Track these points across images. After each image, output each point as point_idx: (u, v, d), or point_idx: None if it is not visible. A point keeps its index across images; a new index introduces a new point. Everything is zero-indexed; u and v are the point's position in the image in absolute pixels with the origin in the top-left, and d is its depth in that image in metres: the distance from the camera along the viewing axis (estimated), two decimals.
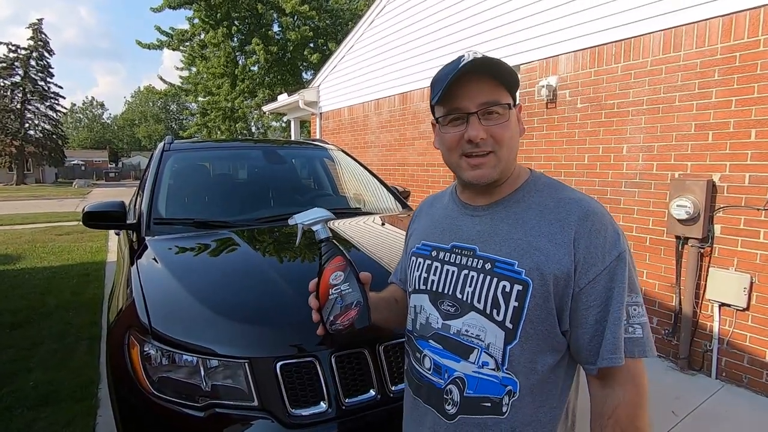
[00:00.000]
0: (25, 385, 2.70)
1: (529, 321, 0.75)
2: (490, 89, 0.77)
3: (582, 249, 0.74)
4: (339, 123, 7.40)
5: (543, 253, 0.75)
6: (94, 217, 2.18)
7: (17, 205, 15.62)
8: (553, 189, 0.83)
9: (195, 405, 1.26)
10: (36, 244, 7.30)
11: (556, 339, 0.77)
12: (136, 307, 1.47)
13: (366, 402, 1.32)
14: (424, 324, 0.87)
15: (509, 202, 0.83)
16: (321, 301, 0.83)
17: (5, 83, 31.37)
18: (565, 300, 0.75)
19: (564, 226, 0.76)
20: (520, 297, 0.75)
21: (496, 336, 0.77)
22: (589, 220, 0.75)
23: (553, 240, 0.75)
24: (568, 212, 0.77)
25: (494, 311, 0.77)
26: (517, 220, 0.80)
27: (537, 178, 0.85)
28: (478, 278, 0.79)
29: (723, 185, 2.80)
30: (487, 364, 0.78)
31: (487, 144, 0.78)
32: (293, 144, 3.71)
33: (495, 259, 0.79)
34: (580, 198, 0.80)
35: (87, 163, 44.29)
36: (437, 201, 1.00)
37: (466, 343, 0.80)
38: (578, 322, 0.76)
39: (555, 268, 0.74)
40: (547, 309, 0.75)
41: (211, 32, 14.23)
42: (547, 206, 0.79)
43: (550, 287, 0.74)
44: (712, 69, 2.82)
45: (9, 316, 3.85)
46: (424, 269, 0.89)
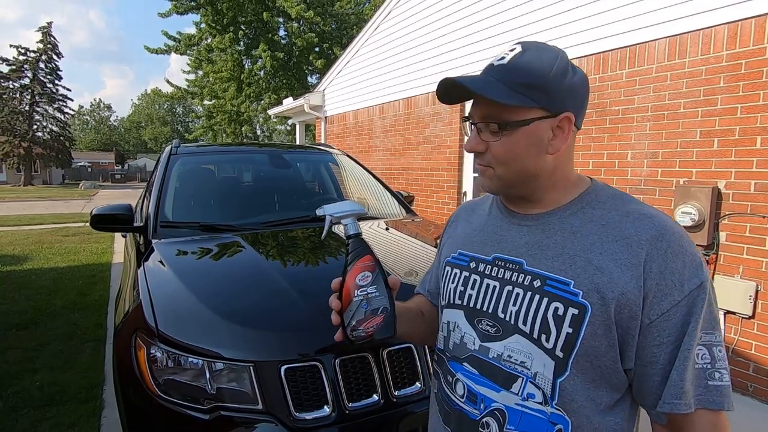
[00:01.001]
0: (30, 385, 2.73)
1: (585, 352, 0.64)
2: (495, 103, 0.68)
3: (655, 274, 0.63)
4: (344, 127, 7.44)
5: (605, 274, 0.64)
6: (102, 220, 2.21)
7: (25, 206, 15.77)
8: (620, 201, 0.71)
9: (200, 407, 1.27)
10: (43, 245, 7.36)
11: (616, 376, 0.66)
12: (143, 309, 1.48)
13: (369, 407, 1.33)
14: (458, 344, 0.78)
15: (565, 213, 0.72)
16: (344, 303, 0.74)
17: (14, 86, 31.76)
18: (630, 333, 0.64)
19: (632, 244, 0.65)
20: (575, 323, 0.64)
21: (544, 365, 0.67)
22: (664, 240, 0.64)
23: (617, 260, 0.65)
24: (637, 229, 0.66)
25: (543, 336, 0.67)
26: (575, 234, 0.70)
27: (599, 188, 0.74)
28: (525, 296, 0.70)
29: (728, 192, 2.79)
30: (533, 396, 0.68)
31: (486, 158, 0.73)
32: (298, 148, 3.74)
33: (546, 276, 0.69)
34: (653, 214, 0.68)
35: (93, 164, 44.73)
36: (478, 207, 0.90)
37: (508, 369, 0.70)
38: (646, 360, 0.64)
39: (619, 292, 0.63)
40: (608, 340, 0.64)
41: (218, 37, 14.37)
42: (611, 220, 0.68)
43: (612, 315, 0.63)
44: (717, 76, 2.82)
45: (16, 317, 3.89)
46: (460, 282, 0.80)
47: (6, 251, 6.86)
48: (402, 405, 1.35)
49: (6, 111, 30.45)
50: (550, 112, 0.68)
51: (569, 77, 0.68)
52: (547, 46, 0.70)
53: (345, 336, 0.75)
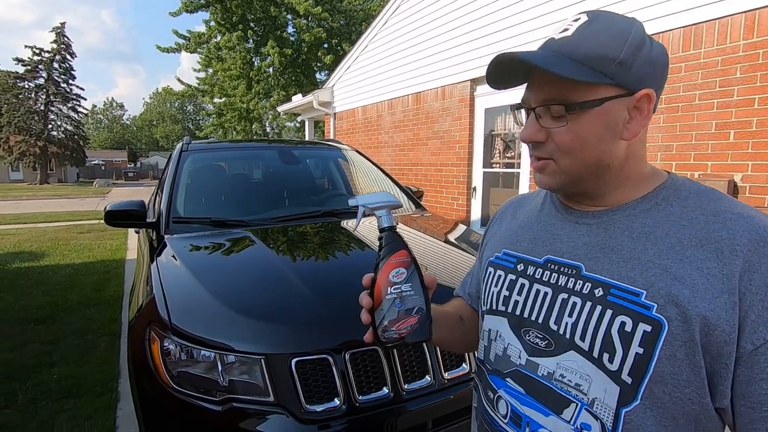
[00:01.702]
0: (48, 378, 2.79)
1: (660, 379, 0.53)
2: (559, 81, 0.58)
3: (757, 288, 0.50)
4: (353, 123, 7.44)
5: (686, 285, 0.53)
6: (115, 216, 2.24)
7: (40, 203, 16.08)
8: (706, 198, 0.59)
9: (213, 399, 1.29)
10: (59, 242, 7.51)
11: (703, 414, 0.54)
12: (157, 303, 1.51)
13: (379, 400, 1.33)
14: (501, 356, 0.69)
15: (635, 210, 0.61)
16: (375, 301, 0.68)
17: (30, 86, 32.33)
18: (722, 361, 0.51)
19: (723, 251, 0.53)
20: (647, 342, 0.53)
21: (605, 390, 0.55)
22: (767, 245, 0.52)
23: (703, 269, 0.53)
24: (730, 232, 0.54)
25: (605, 356, 0.56)
26: (647, 235, 0.58)
27: (679, 183, 0.62)
28: (584, 307, 0.59)
29: (745, 185, 2.73)
30: (589, 428, 0.57)
31: (545, 149, 0.62)
32: (307, 144, 3.75)
33: (610, 284, 0.58)
34: (750, 214, 0.55)
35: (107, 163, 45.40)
36: (527, 202, 0.80)
37: (560, 391, 0.60)
38: (756, 399, 0.51)
39: (706, 308, 0.51)
40: (691, 367, 0.52)
41: (227, 35, 14.46)
42: (695, 221, 0.57)
43: (696, 335, 0.51)
44: (733, 66, 2.75)
45: (33, 312, 3.98)
46: (504, 285, 0.70)
47: (23, 248, 7.02)
48: (411, 399, 1.36)
49: (22, 111, 31.02)
50: (627, 89, 0.58)
51: (647, 49, 0.57)
52: (619, 15, 0.60)
53: (375, 336, 0.69)
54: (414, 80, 5.72)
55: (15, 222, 10.25)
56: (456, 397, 1.42)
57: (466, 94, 4.90)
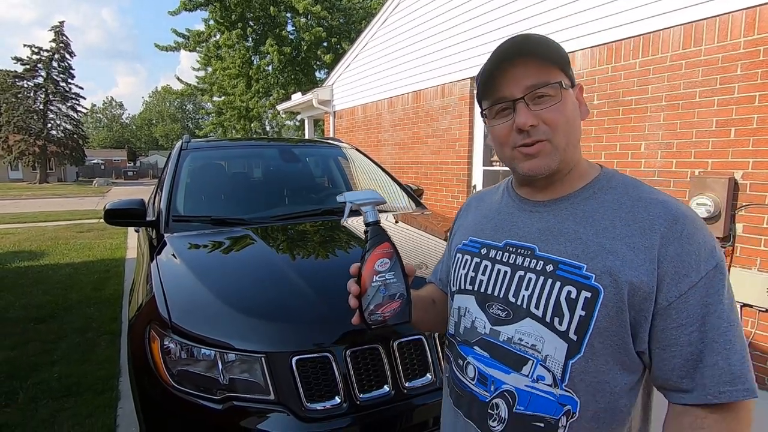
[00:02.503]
0: (49, 376, 2.79)
1: (598, 334, 0.65)
2: (536, 70, 0.69)
3: (671, 257, 0.63)
4: (352, 121, 7.43)
5: (618, 258, 0.65)
6: (115, 215, 2.24)
7: (40, 203, 16.07)
8: (631, 187, 0.72)
9: (213, 398, 1.29)
10: (58, 241, 7.50)
11: (629, 357, 0.67)
12: (156, 301, 1.50)
13: (380, 398, 1.33)
14: (469, 328, 0.79)
15: (576, 199, 0.73)
16: (362, 288, 0.76)
17: (29, 84, 32.28)
18: (643, 315, 0.65)
19: (645, 229, 0.66)
20: (588, 305, 0.65)
21: (556, 348, 0.68)
22: (678, 223, 0.65)
23: (631, 244, 0.65)
24: (651, 214, 0.67)
25: (556, 320, 0.68)
26: (587, 218, 0.70)
27: (610, 175, 0.75)
28: (537, 281, 0.70)
29: (745, 183, 2.73)
30: (543, 378, 0.69)
31: (539, 131, 0.70)
32: (307, 142, 3.74)
33: (558, 261, 0.69)
34: (665, 199, 0.69)
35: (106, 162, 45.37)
36: (488, 195, 0.91)
37: (518, 352, 0.71)
38: (666, 342, 0.64)
39: (632, 275, 0.64)
40: (620, 322, 0.65)
41: (226, 33, 14.43)
42: (623, 205, 0.69)
43: (625, 297, 0.64)
44: (734, 64, 2.75)
45: (34, 311, 3.98)
46: (471, 268, 0.81)
47: (23, 247, 7.01)
48: (413, 396, 1.36)
49: (21, 110, 30.98)
50: (572, 81, 0.72)
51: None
52: None
53: (362, 319, 0.77)
54: (414, 78, 5.71)
55: (15, 221, 10.24)
56: None
57: (466, 92, 4.89)
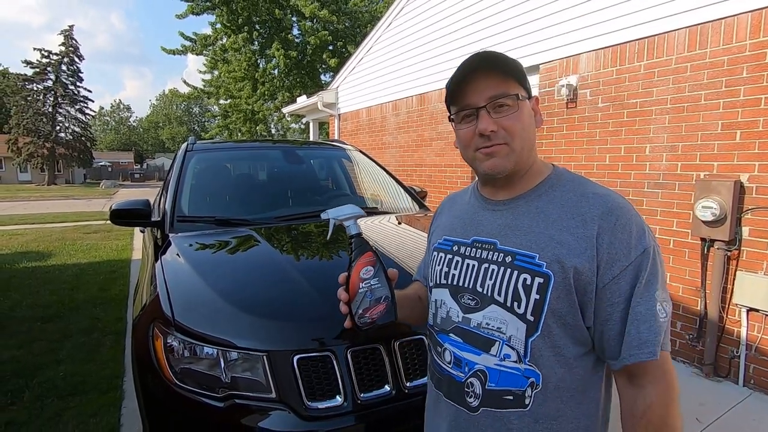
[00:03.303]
0: (55, 375, 2.82)
1: (551, 314, 0.75)
2: (497, 83, 0.79)
3: (605, 244, 0.73)
4: (357, 124, 7.45)
5: (564, 246, 0.75)
6: (121, 215, 2.26)
7: (48, 204, 16.24)
8: (577, 184, 0.82)
9: (215, 396, 1.30)
10: (65, 242, 7.57)
11: (579, 332, 0.77)
12: (160, 300, 1.52)
13: (381, 397, 1.34)
14: (445, 318, 0.88)
15: (531, 197, 0.83)
16: (350, 295, 0.85)
17: (38, 87, 32.64)
18: (588, 296, 0.74)
19: (586, 220, 0.75)
20: (541, 289, 0.75)
21: (517, 328, 0.77)
22: (612, 215, 0.74)
23: (574, 234, 0.75)
24: (591, 207, 0.76)
25: (515, 304, 0.77)
26: (539, 214, 0.80)
27: (560, 174, 0.85)
28: (499, 271, 0.80)
29: (751, 186, 2.71)
30: (509, 356, 0.78)
31: (499, 136, 0.79)
32: (312, 144, 3.76)
33: (515, 252, 0.79)
34: (605, 193, 0.79)
35: (113, 164, 45.69)
36: (459, 197, 1.01)
37: (486, 335, 0.80)
38: (603, 318, 0.75)
39: (576, 261, 0.73)
40: (569, 302, 0.75)
41: (233, 37, 14.54)
42: (569, 200, 0.79)
43: (571, 281, 0.73)
44: (740, 66, 2.73)
45: (40, 311, 4.02)
46: (445, 264, 0.90)
47: (31, 248, 7.09)
48: (414, 396, 1.36)
49: (30, 113, 31.33)
50: (528, 93, 0.82)
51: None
52: None
53: (353, 323, 0.85)
54: (418, 81, 5.73)
55: (23, 222, 10.36)
56: None
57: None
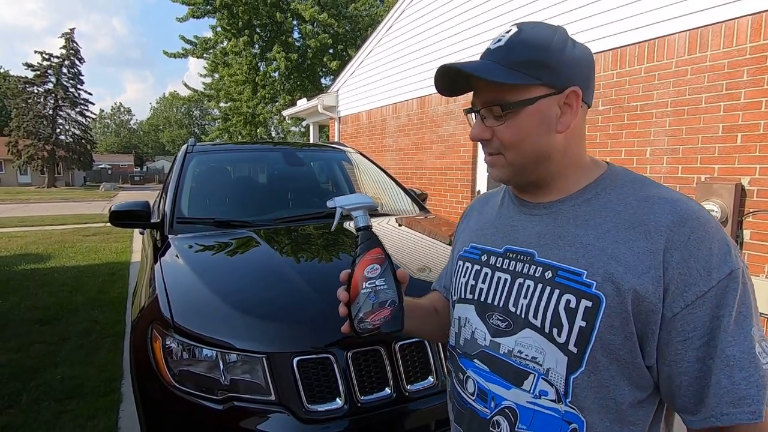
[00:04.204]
0: (52, 378, 2.79)
1: (600, 347, 0.60)
2: (495, 85, 0.65)
3: (676, 263, 0.57)
4: (357, 127, 7.46)
5: (620, 263, 0.60)
6: (120, 216, 2.26)
7: (48, 206, 16.22)
8: (638, 186, 0.66)
9: (214, 398, 1.29)
10: (65, 244, 7.56)
11: (638, 372, 0.61)
12: (159, 301, 1.51)
13: (381, 400, 1.32)
14: (469, 340, 0.75)
15: (578, 200, 0.68)
16: (351, 295, 0.73)
17: (39, 90, 32.72)
18: (650, 327, 0.59)
19: (650, 231, 0.60)
20: (588, 315, 0.60)
21: (557, 360, 0.63)
22: (686, 225, 0.58)
23: (633, 248, 0.60)
24: (657, 214, 0.60)
25: (555, 330, 0.63)
26: (588, 222, 0.66)
27: (616, 173, 0.69)
28: (536, 289, 0.66)
29: (752, 189, 2.71)
30: (546, 394, 0.64)
31: (493, 145, 0.70)
32: (312, 146, 3.76)
33: (557, 267, 0.65)
34: (675, 198, 0.62)
35: (113, 167, 45.75)
36: (492, 198, 0.87)
37: (519, 366, 0.66)
38: (672, 357, 0.59)
39: (636, 282, 0.58)
40: (625, 334, 0.60)
41: (233, 40, 14.59)
42: (628, 206, 0.64)
43: (629, 306, 0.59)
44: (740, 69, 2.74)
45: (39, 313, 4.00)
46: (471, 275, 0.77)
47: (30, 250, 7.07)
48: (414, 399, 1.35)
49: (31, 115, 31.38)
50: (555, 88, 0.64)
51: (570, 50, 0.65)
52: (544, 23, 0.67)
53: (352, 328, 0.74)
54: (419, 84, 5.74)
55: (22, 224, 10.34)
56: None
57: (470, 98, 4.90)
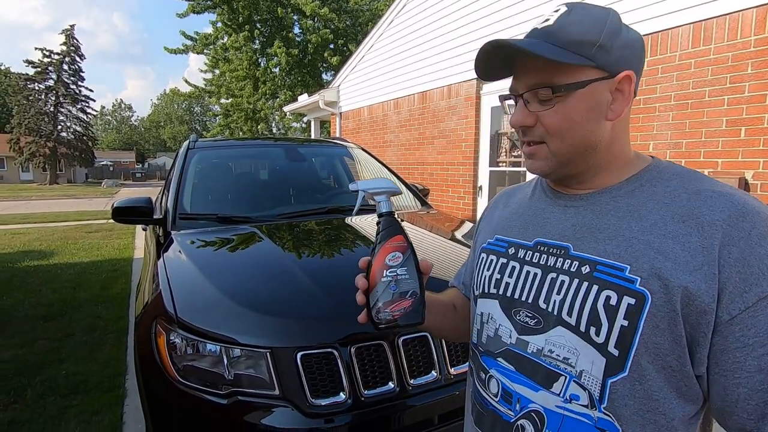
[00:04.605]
0: (57, 374, 2.81)
1: (645, 349, 0.54)
2: (544, 65, 0.60)
3: (735, 260, 0.52)
4: (358, 122, 7.44)
5: (669, 258, 0.54)
6: (122, 213, 2.26)
7: (50, 203, 16.27)
8: (688, 178, 0.61)
9: (218, 392, 1.29)
10: (67, 241, 7.58)
11: (687, 382, 0.55)
12: (163, 297, 1.51)
13: (385, 394, 1.33)
14: (492, 337, 0.70)
15: (619, 191, 0.63)
16: (371, 283, 0.69)
17: (40, 87, 32.71)
18: (701, 330, 0.53)
19: (703, 225, 0.54)
20: (631, 314, 0.55)
21: (593, 362, 0.57)
22: (746, 220, 0.53)
23: (684, 243, 0.54)
24: (711, 208, 0.55)
25: (592, 329, 0.57)
26: (631, 213, 0.60)
27: (662, 166, 0.64)
28: (571, 284, 0.61)
29: (756, 183, 2.69)
30: (577, 398, 0.59)
31: (536, 132, 0.64)
32: (313, 142, 3.76)
33: (596, 261, 0.59)
34: (730, 192, 0.57)
35: (115, 163, 45.83)
36: (519, 191, 0.82)
37: (548, 366, 0.62)
38: (729, 367, 0.53)
39: (687, 279, 0.53)
40: (674, 337, 0.54)
41: (234, 36, 14.54)
42: (677, 198, 0.58)
43: (678, 306, 0.53)
44: (744, 62, 2.72)
45: (42, 309, 4.02)
46: (496, 269, 0.72)
47: (33, 247, 7.10)
48: (417, 393, 1.35)
49: (32, 112, 31.40)
50: (608, 71, 0.60)
51: (624, 34, 0.61)
52: (595, 5, 0.62)
53: (369, 318, 0.69)
54: (420, 79, 5.72)
55: (25, 221, 10.38)
56: (462, 393, 1.40)
57: (472, 93, 4.88)
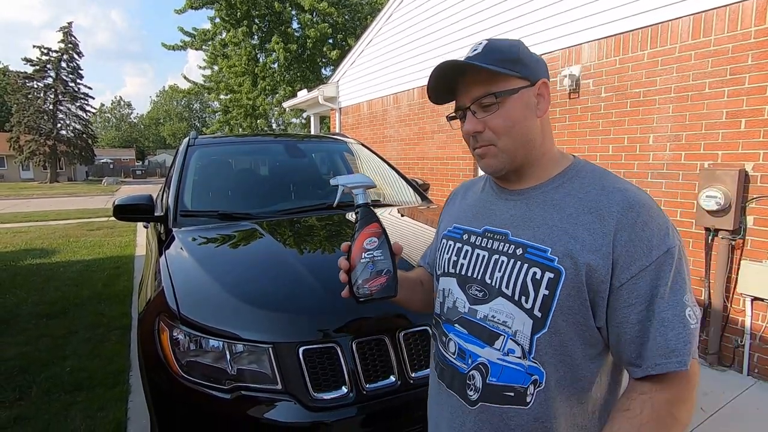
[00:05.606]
0: (61, 371, 2.84)
1: (560, 311, 0.72)
2: (483, 80, 0.76)
3: (623, 242, 0.69)
4: (358, 118, 7.43)
5: (578, 242, 0.71)
6: (124, 210, 2.27)
7: (51, 202, 16.28)
8: (597, 176, 0.78)
9: (221, 387, 1.31)
10: (69, 239, 7.60)
11: (590, 332, 0.74)
12: (165, 294, 1.52)
13: (386, 388, 1.34)
14: (451, 308, 0.86)
15: (547, 188, 0.80)
16: (351, 264, 0.83)
17: (38, 85, 32.62)
18: (600, 294, 0.71)
19: (604, 216, 0.71)
20: (550, 285, 0.72)
21: (524, 323, 0.74)
22: (633, 211, 0.70)
23: (590, 229, 0.71)
24: (610, 201, 0.72)
25: (523, 298, 0.74)
26: (554, 206, 0.77)
27: (580, 165, 0.81)
28: (508, 263, 0.77)
29: (756, 175, 2.69)
30: (513, 351, 0.76)
31: (485, 137, 0.78)
32: (313, 138, 3.76)
33: (527, 245, 0.76)
34: (626, 188, 0.74)
35: (115, 161, 45.74)
36: (473, 186, 0.99)
37: (491, 328, 0.78)
38: (618, 320, 0.71)
39: (590, 257, 0.70)
40: (580, 300, 0.72)
41: (232, 31, 14.46)
42: (588, 194, 0.75)
43: (583, 278, 0.70)
44: (745, 54, 2.70)
45: (46, 307, 4.04)
46: (453, 252, 0.88)
47: (35, 245, 7.12)
48: (419, 387, 1.36)
49: (31, 110, 31.34)
50: (530, 80, 0.77)
51: (532, 53, 0.80)
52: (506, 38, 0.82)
53: (351, 293, 0.84)
54: (419, 74, 5.69)
55: (26, 220, 10.40)
56: None
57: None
